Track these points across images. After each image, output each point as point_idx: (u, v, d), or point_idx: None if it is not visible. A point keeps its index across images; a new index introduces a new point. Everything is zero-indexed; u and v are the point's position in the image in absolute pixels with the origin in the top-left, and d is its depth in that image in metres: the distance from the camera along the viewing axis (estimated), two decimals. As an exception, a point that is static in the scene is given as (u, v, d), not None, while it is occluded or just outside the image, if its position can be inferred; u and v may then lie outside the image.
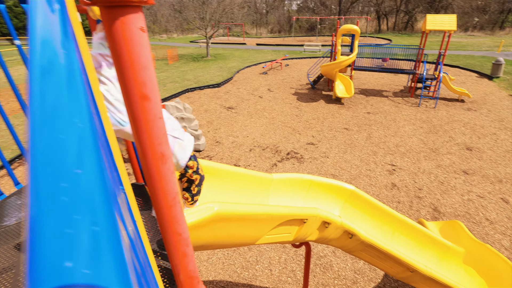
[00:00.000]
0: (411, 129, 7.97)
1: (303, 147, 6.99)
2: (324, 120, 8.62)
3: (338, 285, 3.53)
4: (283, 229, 1.90)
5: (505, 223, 4.58)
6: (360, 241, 2.16)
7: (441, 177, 5.79)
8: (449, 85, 10.37)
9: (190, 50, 24.70)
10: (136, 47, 0.72)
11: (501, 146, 7.05)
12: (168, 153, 0.92)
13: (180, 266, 1.11)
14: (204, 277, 3.60)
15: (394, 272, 2.40)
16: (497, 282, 2.79)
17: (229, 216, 1.48)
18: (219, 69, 15.43)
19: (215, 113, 9.23)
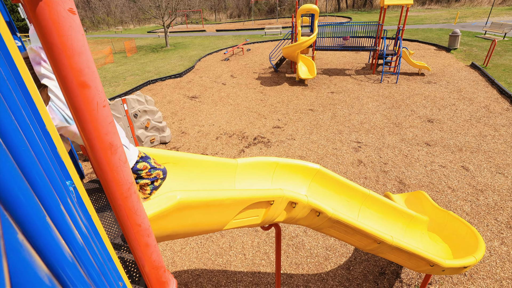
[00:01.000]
0: (374, 106, 8.46)
1: (270, 131, 7.13)
2: (289, 103, 8.82)
3: (311, 263, 3.77)
4: (250, 213, 1.98)
5: (466, 189, 5.07)
6: (327, 218, 2.32)
7: (405, 150, 6.27)
8: (409, 60, 11.07)
9: (149, 41, 23.63)
10: (66, 31, 0.70)
11: (460, 116, 7.70)
12: (117, 142, 0.93)
13: (144, 257, 1.14)
14: (179, 267, 3.64)
15: (362, 245, 2.62)
16: (460, 245, 3.10)
17: (193, 203, 1.52)
18: (180, 59, 14.98)
19: (179, 103, 9.01)
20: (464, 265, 2.66)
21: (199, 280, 3.51)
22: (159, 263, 1.20)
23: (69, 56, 0.74)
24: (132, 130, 5.87)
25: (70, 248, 0.66)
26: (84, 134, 0.86)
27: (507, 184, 5.16)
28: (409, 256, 2.62)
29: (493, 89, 9.27)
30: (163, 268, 1.24)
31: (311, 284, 3.50)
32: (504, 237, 4.12)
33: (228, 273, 3.60)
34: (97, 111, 0.83)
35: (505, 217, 4.45)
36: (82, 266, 0.75)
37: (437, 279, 3.60)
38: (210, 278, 3.53)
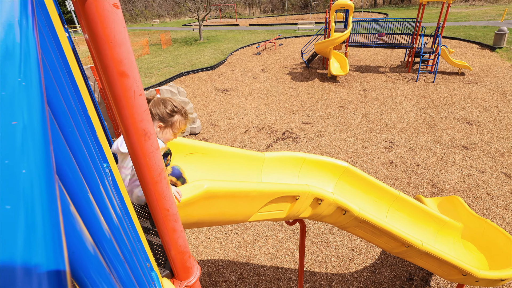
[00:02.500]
0: (408, 105, 7.99)
1: (299, 126, 7.02)
2: (319, 99, 8.61)
3: (335, 262, 3.68)
4: (275, 206, 1.97)
5: (507, 197, 4.65)
6: (353, 217, 2.24)
7: (440, 152, 5.88)
8: (448, 58, 10.29)
9: (183, 33, 24.30)
10: (110, 24, 0.73)
11: (503, 119, 7.04)
12: (151, 129, 0.95)
13: (171, 241, 1.17)
14: (203, 256, 3.73)
15: (390, 247, 2.50)
16: (497, 256, 2.86)
17: (219, 193, 1.53)
18: (212, 52, 15.20)
19: (210, 95, 9.18)
20: (501, 277, 2.45)
21: (222, 270, 3.57)
22: (184, 248, 1.23)
23: (111, 47, 0.77)
24: None
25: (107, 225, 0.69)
26: (121, 121, 0.89)
27: None
28: (440, 262, 2.46)
29: None
30: (188, 254, 1.27)
31: (335, 284, 3.42)
32: None
33: (251, 266, 3.63)
34: (133, 99, 0.86)
35: None
36: (116, 243, 0.78)
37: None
38: (233, 270, 3.59)
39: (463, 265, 2.41)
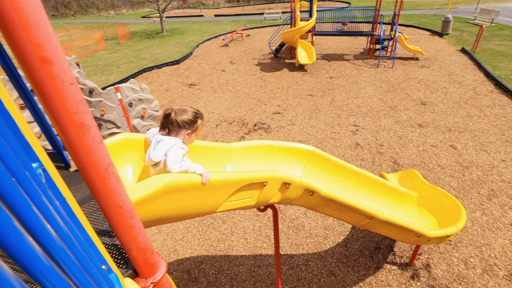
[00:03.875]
0: (371, 90, 8.30)
1: (270, 117, 7.04)
2: (289, 88, 8.67)
3: (311, 242, 3.78)
4: (244, 194, 1.94)
5: (453, 167, 5.10)
6: (321, 197, 2.28)
7: (399, 132, 6.20)
8: (404, 44, 10.79)
9: (143, 26, 22.99)
10: (21, 2, 0.64)
11: (450, 98, 7.63)
12: (90, 122, 0.86)
13: (129, 239, 1.10)
14: (181, 255, 3.65)
15: (356, 221, 2.59)
16: (445, 217, 3.14)
17: (181, 186, 1.47)
18: (177, 45, 14.64)
19: (177, 91, 8.89)
20: (447, 234, 2.69)
21: (202, 266, 3.52)
22: (145, 245, 1.16)
23: (27, 30, 0.67)
24: (127, 119, 5.69)
25: (29, 226, 0.61)
26: (51, 114, 0.79)
27: (489, 160, 5.21)
28: (399, 229, 2.62)
29: (480, 73, 9.15)
30: (151, 250, 1.21)
31: (311, 263, 3.52)
32: (485, 208, 4.22)
33: (230, 258, 3.61)
34: (63, 89, 0.77)
35: (486, 190, 4.54)
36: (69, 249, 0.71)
37: (426, 250, 3.64)
38: (212, 264, 3.55)
39: (416, 228, 2.60)
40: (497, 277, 3.28)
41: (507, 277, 3.28)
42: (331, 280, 3.30)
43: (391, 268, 3.43)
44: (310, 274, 3.38)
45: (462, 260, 3.49)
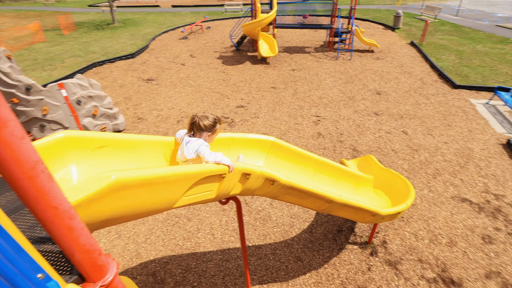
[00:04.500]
0: (331, 81, 8.63)
1: (233, 111, 7.00)
2: (252, 82, 8.68)
3: (277, 232, 3.87)
4: (202, 188, 1.90)
5: (405, 150, 5.55)
6: (281, 185, 2.32)
7: (357, 121, 6.56)
8: (360, 38, 11.35)
9: (90, 16, 21.14)
10: None
11: (401, 88, 8.25)
12: (7, 115, 0.77)
13: (70, 242, 1.02)
14: (144, 258, 3.52)
15: (316, 206, 2.70)
16: (397, 197, 3.41)
17: (132, 183, 1.40)
18: (131, 37, 13.82)
19: (133, 87, 8.44)
20: (398, 211, 2.94)
21: (168, 267, 3.43)
22: (90, 246, 1.09)
23: None
24: (76, 119, 5.20)
25: None
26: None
27: (434, 143, 5.77)
28: (356, 210, 2.79)
29: (426, 64, 10.04)
30: (98, 251, 1.13)
31: (278, 251, 3.61)
32: (431, 185, 4.70)
33: (198, 255, 3.56)
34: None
35: (432, 170, 5.05)
36: None
37: (383, 228, 3.95)
38: (179, 263, 3.47)
39: (371, 208, 2.79)
40: (441, 245, 3.69)
41: (448, 244, 3.71)
42: (298, 266, 3.42)
43: (353, 247, 3.65)
44: (278, 262, 3.47)
45: (412, 233, 3.84)
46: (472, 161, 5.23)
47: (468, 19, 17.81)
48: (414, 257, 3.53)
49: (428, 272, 3.35)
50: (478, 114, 6.88)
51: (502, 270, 3.37)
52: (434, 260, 3.49)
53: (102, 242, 3.71)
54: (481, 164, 5.16)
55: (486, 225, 3.96)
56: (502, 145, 5.69)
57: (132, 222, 4.00)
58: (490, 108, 7.16)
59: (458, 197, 4.42)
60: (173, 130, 6.21)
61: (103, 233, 3.83)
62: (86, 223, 1.34)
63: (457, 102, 7.40)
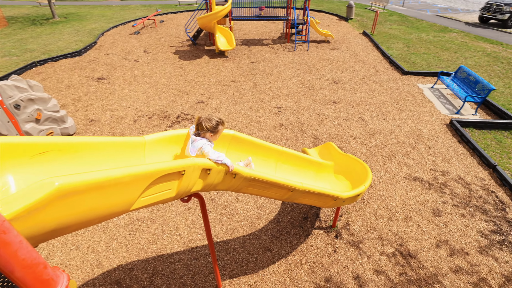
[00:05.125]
0: (290, 72, 8.83)
1: (193, 107, 6.86)
2: (211, 76, 8.56)
3: (245, 225, 3.92)
4: (161, 187, 1.86)
5: (362, 136, 5.92)
6: (243, 178, 2.35)
7: (317, 110, 6.82)
8: (316, 28, 11.72)
9: (25, 10, 18.98)
10: None
11: (357, 76, 8.73)
12: None
13: (7, 258, 0.94)
14: (107, 267, 3.35)
15: (280, 195, 2.78)
16: (357, 180, 3.64)
17: (80, 188, 1.32)
18: (75, 33, 12.76)
19: (82, 87, 7.85)
20: (357, 193, 3.14)
21: (133, 273, 3.30)
22: (33, 260, 1.02)
23: None
24: (15, 125, 4.68)
25: None
26: None
27: (388, 127, 6.24)
28: (318, 196, 2.92)
29: (378, 53, 10.74)
30: (43, 264, 1.06)
31: (247, 244, 3.66)
32: (387, 167, 5.09)
33: (164, 257, 3.48)
34: None
35: (387, 152, 5.46)
36: None
37: (346, 211, 4.20)
38: (145, 268, 3.36)
39: (332, 193, 2.96)
40: (398, 221, 4.03)
41: (404, 219, 4.06)
42: (267, 256, 3.51)
43: (318, 232, 3.83)
44: (247, 254, 3.53)
45: (373, 213, 4.13)
46: (422, 141, 5.75)
47: (412, 9, 19.30)
48: (375, 235, 3.80)
49: (388, 248, 3.64)
50: (425, 97, 7.54)
51: (449, 238, 3.80)
52: (392, 236, 3.79)
53: (57, 255, 3.45)
54: (429, 143, 5.69)
55: (435, 199, 4.40)
56: (446, 125, 6.32)
57: (91, 230, 3.78)
58: (435, 92, 7.90)
59: (411, 176, 4.84)
60: (130, 131, 5.92)
61: (58, 246, 3.57)
62: (30, 236, 1.24)
63: (406, 88, 8.03)
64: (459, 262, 3.49)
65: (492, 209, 4.24)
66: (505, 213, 4.18)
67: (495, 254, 3.59)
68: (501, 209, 4.24)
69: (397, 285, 3.23)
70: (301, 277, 3.29)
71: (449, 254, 3.58)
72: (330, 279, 3.27)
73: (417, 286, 3.23)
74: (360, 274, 3.33)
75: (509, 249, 3.66)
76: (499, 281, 3.29)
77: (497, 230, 3.92)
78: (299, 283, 3.22)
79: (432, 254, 3.58)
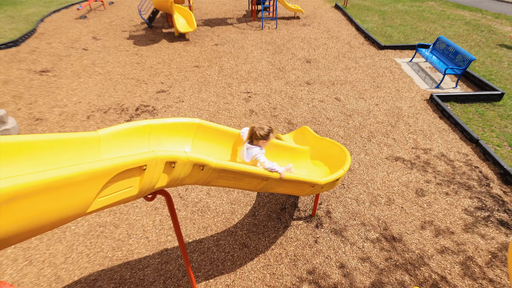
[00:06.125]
0: (259, 53, 8.87)
1: (154, 97, 6.73)
2: (171, 62, 8.40)
3: (219, 221, 3.98)
4: (120, 185, 1.85)
5: (339, 117, 6.13)
6: (212, 169, 2.38)
7: (290, 92, 6.95)
8: (284, 4, 11.77)
9: None
10: None
11: (331, 53, 8.95)
12: None
13: None
14: (67, 281, 3.29)
15: (253, 186, 2.85)
16: (335, 164, 3.77)
17: (24, 191, 1.30)
18: (9, 20, 11.83)
19: (23, 82, 7.39)
20: (336, 177, 3.27)
21: (98, 284, 3.26)
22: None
23: None
24: None
25: None
26: None
27: (366, 106, 6.51)
28: (294, 184, 3.02)
29: (352, 27, 11.04)
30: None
31: (222, 241, 3.72)
32: (367, 149, 5.33)
33: (132, 264, 3.47)
34: None
35: (366, 133, 5.72)
36: None
37: (325, 198, 4.37)
38: (111, 277, 3.33)
39: (309, 179, 3.06)
40: (380, 204, 4.26)
41: (387, 202, 4.30)
42: (244, 252, 3.61)
43: (298, 223, 3.98)
44: (223, 252, 3.60)
45: (354, 199, 4.34)
46: (402, 119, 6.05)
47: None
48: (358, 222, 3.99)
49: (371, 234, 3.83)
50: (404, 72, 7.91)
51: (434, 218, 4.05)
52: (375, 221, 4.00)
53: (7, 273, 3.32)
54: (409, 121, 6.00)
55: (418, 179, 4.66)
56: (426, 100, 6.69)
57: (45, 242, 3.67)
58: (414, 66, 8.30)
59: (392, 156, 5.10)
60: (83, 128, 5.71)
61: (7, 263, 3.43)
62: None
63: (384, 63, 8.37)
64: (444, 242, 3.73)
65: (476, 185, 4.54)
66: (489, 188, 4.49)
67: (480, 231, 3.86)
68: (485, 185, 4.55)
69: (383, 271, 3.41)
70: (282, 271, 3.41)
71: (435, 235, 3.81)
72: (313, 271, 3.41)
73: (403, 270, 3.42)
74: (344, 263, 3.49)
75: (494, 225, 3.95)
76: (485, 258, 3.55)
77: (482, 206, 4.20)
78: (280, 278, 3.34)
79: (417, 236, 3.80)
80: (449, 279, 3.35)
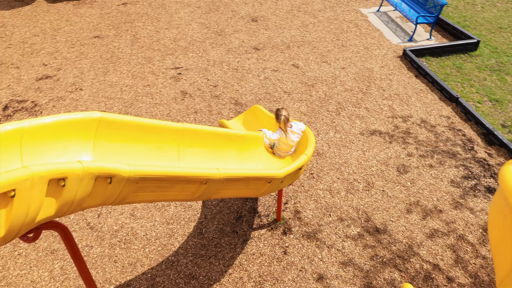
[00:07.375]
0: (187, 13, 8.65)
1: (33, 86, 6.23)
2: (57, 32, 7.86)
3: (152, 251, 3.83)
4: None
5: (300, 89, 6.24)
6: (125, 179, 2.22)
7: (234, 63, 6.89)
8: None
9: None
10: None
11: (282, 7, 9.02)
12: None
13: None
14: None
15: (190, 194, 2.73)
16: (297, 149, 3.82)
17: None
18: None
19: None
20: (298, 166, 3.31)
21: None
22: None
23: None
24: None
25: None
26: None
27: (331, 71, 6.74)
28: (245, 182, 2.99)
29: None
30: None
31: (159, 279, 3.61)
32: (336, 125, 5.56)
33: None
34: None
35: (334, 105, 5.94)
36: None
37: (291, 195, 4.46)
38: None
39: (262, 173, 3.06)
40: (358, 192, 4.47)
41: (366, 188, 4.53)
42: (193, 285, 3.53)
43: (260, 233, 4.00)
44: (163, 293, 3.48)
45: (326, 190, 4.49)
46: (374, 83, 6.36)
47: None
48: (334, 217, 4.15)
49: (351, 229, 4.02)
50: (372, 25, 8.26)
51: (420, 197, 4.38)
52: (355, 213, 4.20)
53: None
54: (383, 85, 6.32)
55: (398, 153, 4.99)
56: (400, 57, 7.09)
57: None
58: (382, 16, 8.70)
59: (367, 130, 5.36)
60: None
61: None
62: None
63: (347, 16, 8.65)
64: (433, 224, 4.10)
65: (460, 151, 5.04)
66: (474, 152, 5.03)
67: (469, 204, 4.33)
68: (469, 149, 5.08)
69: (369, 273, 3.62)
70: (246, 300, 3.41)
71: (422, 217, 4.16)
72: (285, 292, 3.47)
73: (392, 266, 3.68)
74: (323, 273, 3.61)
75: (482, 194, 4.45)
76: (476, 234, 4.00)
77: (468, 174, 4.71)
78: (245, 309, 3.34)
79: (403, 223, 4.10)
80: (441, 266, 3.69)
